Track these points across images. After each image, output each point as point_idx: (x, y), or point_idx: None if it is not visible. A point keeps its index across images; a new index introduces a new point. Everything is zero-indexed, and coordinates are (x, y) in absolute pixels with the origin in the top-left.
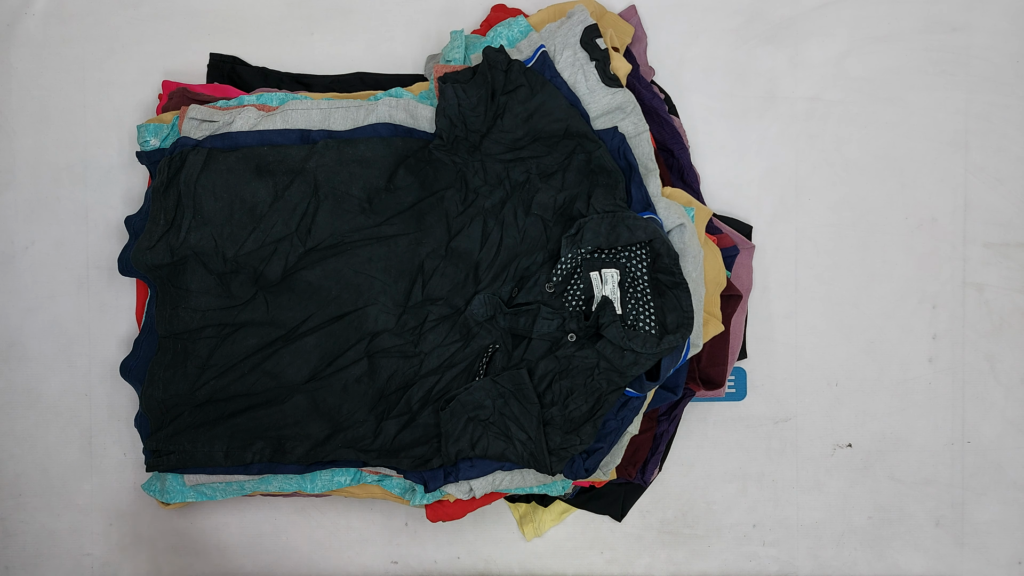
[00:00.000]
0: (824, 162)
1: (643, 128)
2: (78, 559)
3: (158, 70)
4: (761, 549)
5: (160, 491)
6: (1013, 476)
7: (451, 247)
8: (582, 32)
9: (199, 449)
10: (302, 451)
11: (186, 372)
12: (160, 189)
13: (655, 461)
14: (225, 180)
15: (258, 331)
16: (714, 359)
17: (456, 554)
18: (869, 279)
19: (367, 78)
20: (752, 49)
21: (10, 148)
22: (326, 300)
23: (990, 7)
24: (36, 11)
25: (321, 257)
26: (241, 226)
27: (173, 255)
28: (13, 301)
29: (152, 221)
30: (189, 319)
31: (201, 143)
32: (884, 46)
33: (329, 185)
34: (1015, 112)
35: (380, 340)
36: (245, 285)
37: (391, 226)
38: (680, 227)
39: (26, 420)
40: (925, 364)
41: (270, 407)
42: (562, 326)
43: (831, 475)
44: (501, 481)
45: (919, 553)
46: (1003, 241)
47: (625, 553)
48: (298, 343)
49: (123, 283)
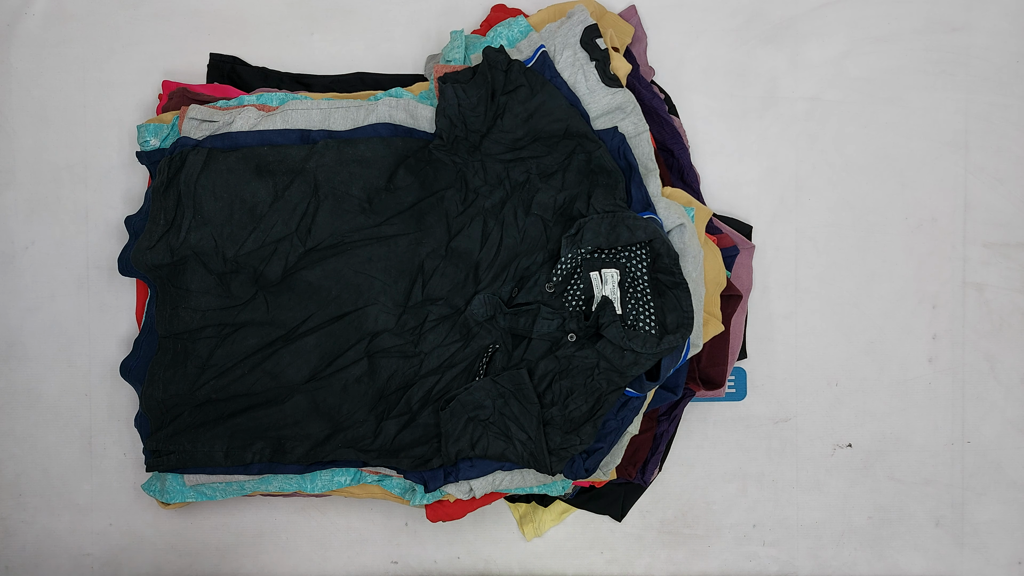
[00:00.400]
0: (824, 162)
1: (643, 128)
2: (78, 559)
3: (158, 70)
4: (761, 549)
5: (160, 491)
6: (1013, 476)
7: (451, 247)
8: (582, 32)
9: (199, 449)
10: (302, 451)
11: (186, 372)
12: (160, 189)
13: (655, 461)
14: (225, 180)
15: (258, 331)
16: (714, 359)
17: (456, 554)
18: (869, 279)
19: (367, 78)
20: (752, 49)
21: (10, 148)
22: (326, 300)
23: (990, 7)
24: (36, 11)
25: (321, 257)
26: (241, 226)
27: (173, 255)
28: (13, 301)
29: (152, 221)
30: (189, 319)
31: (201, 143)
32: (884, 46)
33: (329, 185)
34: (1015, 112)
35: (380, 340)
36: (245, 285)
37: (391, 226)
38: (680, 227)
39: (26, 420)
40: (925, 364)
41: (270, 407)
42: (562, 326)
43: (831, 475)
44: (501, 481)
45: (919, 553)
46: (1003, 241)
47: (625, 553)
48: (298, 343)
49: (123, 283)
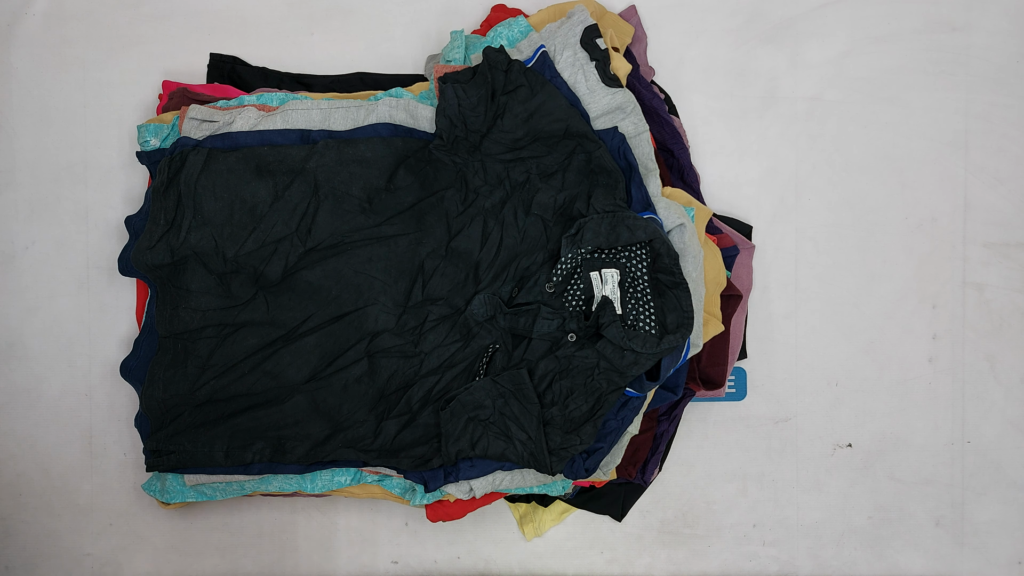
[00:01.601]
0: (824, 162)
1: (643, 128)
2: (78, 559)
3: (158, 70)
4: (761, 549)
5: (160, 491)
6: (1013, 476)
7: (451, 247)
8: (582, 32)
9: (199, 449)
10: (302, 451)
11: (186, 372)
12: (160, 189)
13: (655, 461)
14: (225, 180)
15: (258, 331)
16: (714, 359)
17: (456, 554)
18: (869, 279)
19: (367, 78)
20: (752, 49)
21: (10, 148)
22: (326, 300)
23: (990, 7)
24: (36, 11)
25: (321, 257)
26: (241, 226)
27: (173, 255)
28: (13, 301)
29: (152, 221)
30: (189, 319)
31: (201, 143)
32: (884, 46)
33: (329, 185)
34: (1015, 112)
35: (380, 340)
36: (245, 285)
37: (391, 226)
38: (680, 227)
39: (26, 420)
40: (925, 364)
41: (270, 407)
42: (562, 326)
43: (831, 475)
44: (501, 481)
45: (919, 553)
46: (1003, 241)
47: (625, 553)
48: (298, 343)
49: (123, 283)
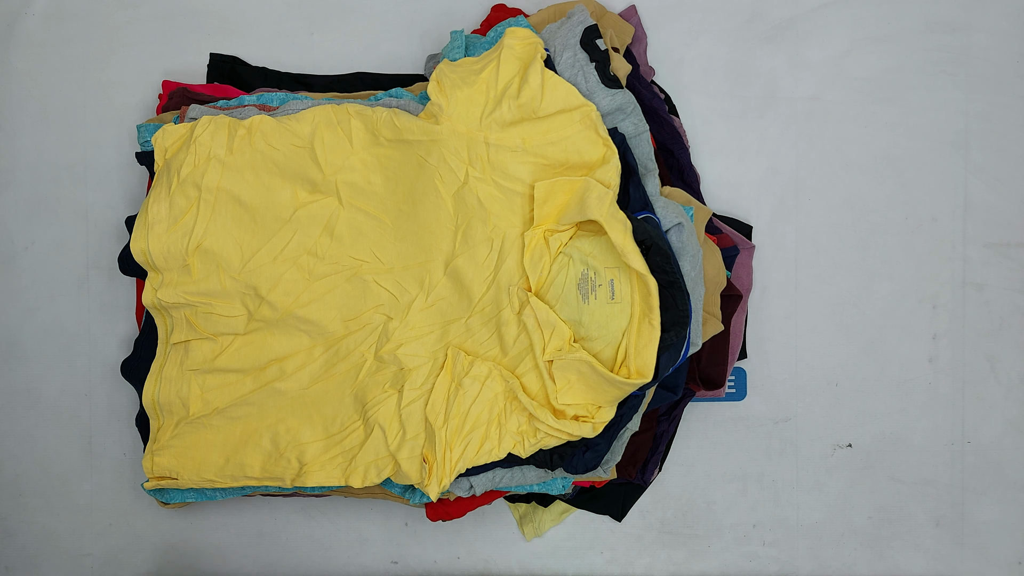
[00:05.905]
0: (824, 162)
1: (643, 128)
2: (78, 559)
3: (158, 70)
4: (761, 549)
5: (160, 491)
6: (1013, 476)
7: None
8: (582, 33)
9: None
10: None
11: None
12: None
13: (655, 461)
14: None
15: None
16: (714, 359)
17: (456, 554)
18: (869, 279)
19: (367, 78)
20: (752, 49)
21: (10, 148)
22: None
23: (990, 7)
24: (36, 11)
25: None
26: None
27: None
28: (13, 301)
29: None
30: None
31: None
32: (884, 46)
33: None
34: (1015, 112)
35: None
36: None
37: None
38: (678, 226)
39: (26, 420)
40: (925, 364)
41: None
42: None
43: (831, 475)
44: (501, 478)
45: (919, 553)
46: (1003, 241)
47: (625, 553)
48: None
49: (123, 283)
